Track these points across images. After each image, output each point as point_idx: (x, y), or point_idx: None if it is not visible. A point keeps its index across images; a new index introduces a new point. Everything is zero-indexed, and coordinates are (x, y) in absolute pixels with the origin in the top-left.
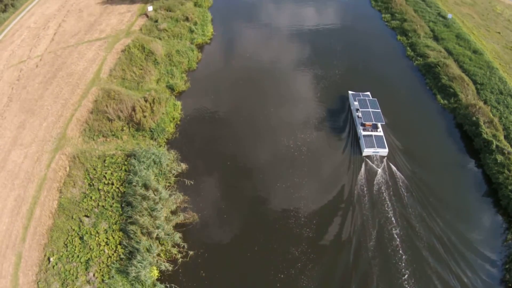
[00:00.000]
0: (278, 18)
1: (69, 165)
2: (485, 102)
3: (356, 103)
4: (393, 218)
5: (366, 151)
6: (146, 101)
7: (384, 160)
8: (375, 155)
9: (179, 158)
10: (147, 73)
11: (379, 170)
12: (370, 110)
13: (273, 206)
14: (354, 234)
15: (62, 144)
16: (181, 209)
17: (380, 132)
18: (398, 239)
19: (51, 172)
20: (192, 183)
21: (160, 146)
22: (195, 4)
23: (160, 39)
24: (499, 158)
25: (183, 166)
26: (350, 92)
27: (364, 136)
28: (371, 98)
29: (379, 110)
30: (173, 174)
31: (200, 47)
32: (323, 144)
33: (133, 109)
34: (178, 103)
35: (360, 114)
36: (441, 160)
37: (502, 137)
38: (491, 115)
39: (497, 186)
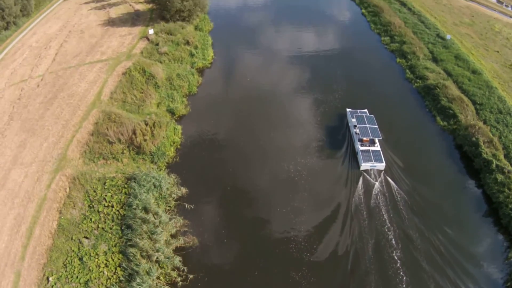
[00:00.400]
0: (278, 42)
1: (69, 186)
2: (485, 122)
3: (353, 119)
4: (393, 241)
5: (364, 165)
6: (146, 124)
7: (382, 174)
8: (373, 169)
9: (179, 182)
10: (148, 96)
11: (377, 183)
12: (368, 126)
13: (273, 231)
14: (352, 248)
15: (63, 165)
16: (181, 233)
17: (377, 147)
18: (398, 261)
19: (51, 192)
20: (192, 207)
21: (160, 170)
22: (196, 28)
23: (161, 62)
24: (499, 177)
25: (183, 190)
26: (348, 109)
27: (362, 151)
28: (368, 114)
29: (376, 126)
30: (173, 198)
31: (201, 71)
32: (323, 167)
33: (134, 133)
34: (179, 127)
35: (357, 131)
36: (441, 181)
37: (502, 156)
38: (491, 135)
39: (497, 205)
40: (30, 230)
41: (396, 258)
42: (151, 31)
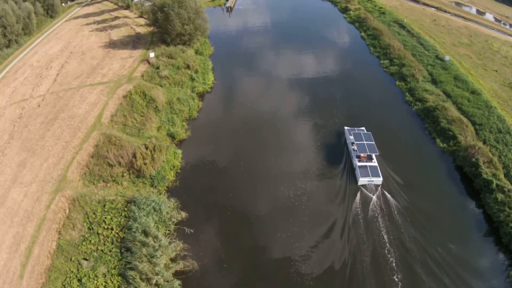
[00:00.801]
0: (278, 66)
1: (69, 207)
2: (484, 142)
3: (351, 137)
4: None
5: (361, 180)
6: (146, 148)
7: (379, 188)
8: (370, 183)
9: (179, 206)
10: (148, 120)
11: (374, 197)
12: (365, 142)
13: (273, 256)
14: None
15: (62, 186)
16: (181, 257)
17: (374, 163)
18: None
19: (50, 213)
20: (192, 231)
21: (160, 194)
22: (196, 52)
23: (161, 86)
24: (500, 196)
25: (183, 214)
26: (346, 127)
27: (359, 166)
28: (365, 132)
29: (373, 142)
30: (173, 222)
31: (201, 96)
32: (322, 190)
33: (134, 156)
34: (179, 151)
35: (355, 147)
36: (441, 203)
37: (502, 176)
38: (491, 155)
39: (498, 225)
40: (29, 250)
41: (395, 277)
42: (151, 55)
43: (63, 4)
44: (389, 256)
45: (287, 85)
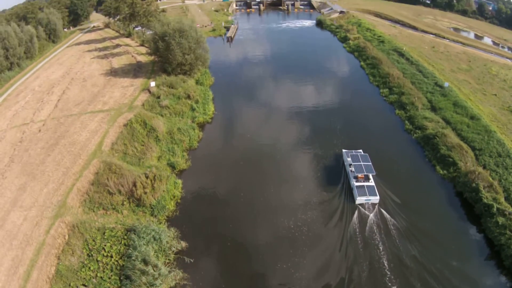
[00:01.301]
0: (279, 97)
1: (68, 233)
2: (484, 167)
3: (349, 159)
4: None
5: (359, 199)
6: (147, 177)
7: (376, 206)
8: (367, 202)
9: (179, 236)
10: (149, 149)
11: (371, 215)
12: (362, 163)
13: (274, 287)
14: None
15: (62, 212)
16: (181, 286)
17: (371, 183)
18: None
19: (50, 238)
20: (192, 261)
21: (160, 223)
22: (197, 82)
23: (162, 115)
24: (501, 220)
25: (183, 244)
26: (343, 150)
27: (357, 186)
28: (362, 153)
29: (370, 163)
30: (173, 251)
31: (201, 126)
32: (323, 218)
33: (134, 185)
34: (179, 181)
35: (353, 169)
36: (442, 229)
37: (502, 199)
38: (491, 179)
39: (499, 248)
40: (28, 273)
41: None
42: (152, 84)
43: (65, 30)
44: (388, 274)
45: (287, 115)
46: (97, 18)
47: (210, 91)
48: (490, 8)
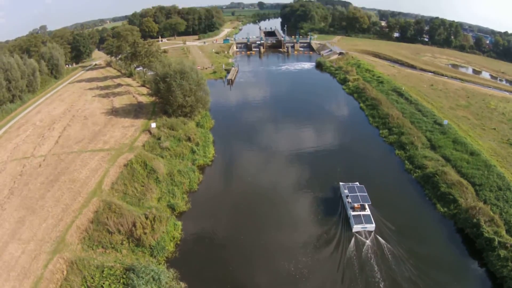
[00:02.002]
0: (278, 140)
1: (67, 269)
2: (485, 202)
3: (346, 190)
4: None
5: (356, 227)
6: (146, 218)
7: (372, 234)
8: (364, 230)
9: (179, 277)
10: (149, 190)
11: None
12: (358, 194)
13: None
14: None
15: (61, 248)
16: None
17: (367, 212)
18: None
19: (48, 272)
20: None
21: (159, 264)
22: (197, 125)
23: (162, 157)
24: (502, 253)
25: (182, 285)
26: (340, 183)
27: (354, 215)
28: (358, 185)
29: (366, 194)
30: None
31: (202, 168)
32: (323, 267)
33: (134, 225)
34: (179, 223)
35: (349, 199)
36: (443, 264)
37: (504, 232)
38: (492, 213)
39: (501, 280)
40: None
41: None
42: (153, 125)
43: (67, 66)
44: None
45: (287, 158)
46: (99, 56)
47: (211, 134)
48: (487, 42)
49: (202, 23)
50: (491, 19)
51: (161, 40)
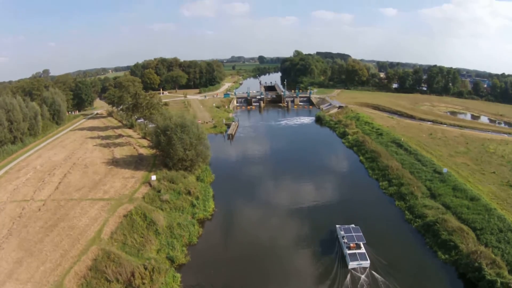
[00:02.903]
0: (277, 195)
1: None
2: (486, 245)
3: (342, 232)
4: None
5: (351, 264)
6: (145, 269)
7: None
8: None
9: None
10: (148, 241)
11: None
12: (353, 234)
13: None
14: None
15: None
16: None
17: (362, 250)
18: None
19: None
20: None
21: None
22: (198, 179)
23: (162, 209)
24: None
25: None
26: (337, 225)
27: (349, 254)
28: (354, 226)
29: (361, 234)
30: None
31: (201, 222)
32: None
33: (132, 275)
34: (178, 275)
35: (346, 240)
36: None
37: (506, 273)
38: (493, 255)
39: None
40: None
41: None
42: (153, 177)
43: (69, 113)
44: None
45: (287, 214)
46: (100, 105)
47: (211, 188)
48: (485, 85)
49: (203, 77)
50: (488, 62)
51: (163, 93)
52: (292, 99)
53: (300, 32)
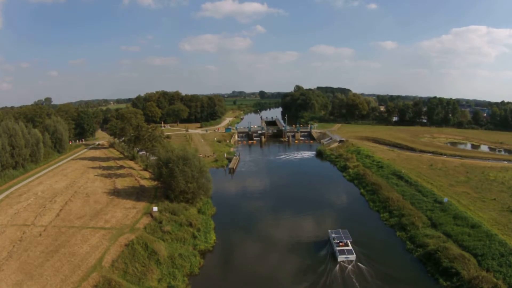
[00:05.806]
0: (278, 229)
1: None
2: (488, 270)
3: (333, 235)
4: None
5: (340, 257)
6: None
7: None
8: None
9: None
10: (149, 271)
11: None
12: (342, 235)
13: None
14: None
15: None
16: None
17: (349, 247)
18: None
19: None
20: None
21: None
22: (199, 211)
23: (163, 240)
24: None
25: None
26: (329, 230)
27: (339, 250)
28: (344, 230)
29: (348, 235)
30: None
31: (203, 253)
32: None
33: None
34: None
35: (336, 240)
36: None
37: None
38: (495, 279)
39: None
40: None
41: None
42: (155, 209)
43: (71, 142)
44: None
45: (287, 247)
46: (102, 136)
47: (212, 220)
48: (485, 114)
49: (205, 111)
50: (488, 89)
51: (164, 126)
52: (293, 133)
53: (301, 66)
